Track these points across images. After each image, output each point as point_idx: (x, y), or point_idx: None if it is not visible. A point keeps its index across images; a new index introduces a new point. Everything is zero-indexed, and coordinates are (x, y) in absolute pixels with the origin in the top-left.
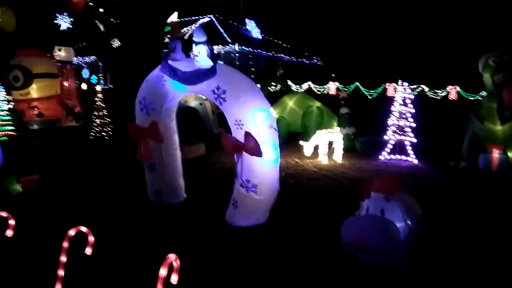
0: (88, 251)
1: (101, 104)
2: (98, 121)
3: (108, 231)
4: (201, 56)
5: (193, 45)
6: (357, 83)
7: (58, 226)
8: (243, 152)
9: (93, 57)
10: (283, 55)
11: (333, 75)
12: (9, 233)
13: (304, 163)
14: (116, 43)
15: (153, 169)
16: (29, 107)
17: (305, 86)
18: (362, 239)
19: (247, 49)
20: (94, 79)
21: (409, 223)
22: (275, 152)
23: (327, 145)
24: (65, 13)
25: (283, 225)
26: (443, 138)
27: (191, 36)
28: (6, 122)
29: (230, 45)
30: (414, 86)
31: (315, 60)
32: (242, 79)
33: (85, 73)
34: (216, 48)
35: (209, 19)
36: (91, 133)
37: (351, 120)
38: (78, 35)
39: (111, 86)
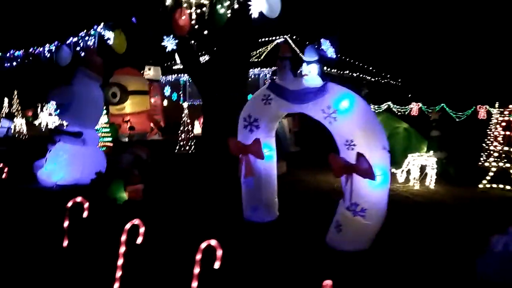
0: (217, 264)
1: (187, 120)
2: (183, 135)
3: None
4: (311, 75)
5: (304, 64)
6: (443, 104)
7: (186, 238)
8: (354, 174)
9: (174, 76)
10: (365, 76)
11: (409, 95)
12: (139, 240)
13: (395, 187)
14: (204, 58)
15: (251, 185)
16: (123, 121)
17: (384, 106)
18: (503, 276)
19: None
20: (174, 96)
21: None
22: (386, 176)
23: (419, 170)
24: (171, 35)
25: (388, 253)
26: None
27: (294, 55)
28: (106, 134)
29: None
30: None
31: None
32: (354, 99)
33: (167, 90)
34: None
35: (283, 39)
36: (177, 147)
37: (442, 143)
38: (169, 53)
39: (192, 102)
